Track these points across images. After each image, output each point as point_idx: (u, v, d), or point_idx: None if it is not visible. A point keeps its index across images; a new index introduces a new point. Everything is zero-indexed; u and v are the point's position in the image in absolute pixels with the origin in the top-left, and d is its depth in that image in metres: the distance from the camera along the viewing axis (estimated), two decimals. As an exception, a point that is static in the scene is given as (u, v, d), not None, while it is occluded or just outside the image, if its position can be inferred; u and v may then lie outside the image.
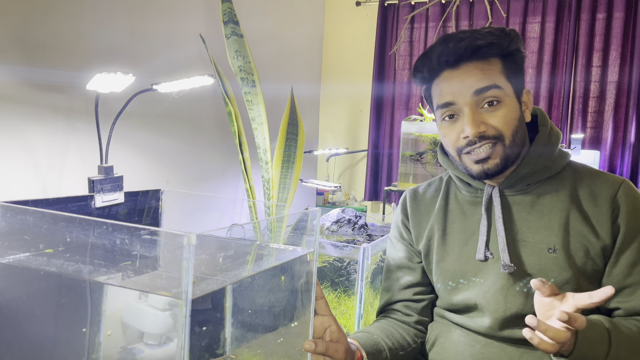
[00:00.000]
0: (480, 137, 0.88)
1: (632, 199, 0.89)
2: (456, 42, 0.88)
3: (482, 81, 0.88)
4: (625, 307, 0.88)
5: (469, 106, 0.89)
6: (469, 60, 0.89)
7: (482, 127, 0.88)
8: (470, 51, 0.88)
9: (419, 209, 1.07)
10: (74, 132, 1.47)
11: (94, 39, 1.51)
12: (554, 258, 0.88)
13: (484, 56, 0.89)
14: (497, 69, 0.89)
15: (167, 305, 0.83)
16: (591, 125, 3.03)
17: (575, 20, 3.00)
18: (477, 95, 0.88)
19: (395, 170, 3.43)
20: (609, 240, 0.88)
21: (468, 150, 0.91)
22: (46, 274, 0.72)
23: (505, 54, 0.90)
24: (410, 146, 2.50)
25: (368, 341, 0.94)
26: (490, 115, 0.89)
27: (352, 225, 1.84)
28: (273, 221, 1.68)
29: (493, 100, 0.88)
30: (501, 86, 0.88)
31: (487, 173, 0.91)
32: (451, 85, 0.90)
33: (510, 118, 0.89)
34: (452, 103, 0.91)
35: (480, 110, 0.89)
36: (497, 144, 0.89)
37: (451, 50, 0.89)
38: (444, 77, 0.92)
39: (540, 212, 0.92)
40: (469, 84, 0.88)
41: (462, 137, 0.90)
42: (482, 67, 0.89)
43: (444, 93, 0.91)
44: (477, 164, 0.91)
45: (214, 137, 2.13)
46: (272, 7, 2.56)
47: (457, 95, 0.89)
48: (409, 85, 3.39)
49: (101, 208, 1.24)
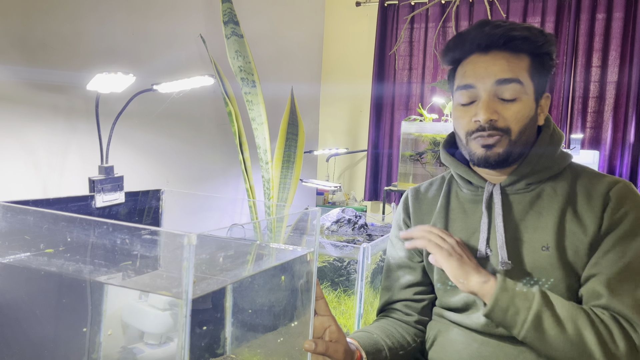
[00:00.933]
0: (490, 126, 0.90)
1: (622, 196, 0.89)
2: (492, 27, 0.89)
3: (506, 72, 0.89)
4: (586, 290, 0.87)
5: (487, 93, 0.90)
6: (499, 49, 0.90)
7: (494, 115, 0.89)
8: (503, 40, 0.89)
9: (420, 208, 1.07)
10: (75, 132, 1.47)
11: (94, 39, 1.51)
12: (547, 256, 0.89)
13: (514, 49, 0.90)
14: (523, 65, 0.90)
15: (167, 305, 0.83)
16: (591, 126, 3.04)
17: (575, 21, 3.00)
18: (498, 85, 0.89)
19: (395, 170, 3.43)
20: (597, 235, 0.88)
21: (477, 136, 0.92)
22: (47, 274, 0.72)
23: (536, 53, 0.91)
24: (410, 146, 2.50)
25: (368, 341, 0.94)
26: (505, 107, 0.90)
27: (352, 225, 1.84)
28: (273, 221, 1.68)
29: (511, 94, 0.89)
30: (523, 82, 0.90)
31: (488, 160, 0.92)
32: (476, 69, 0.92)
33: (522, 115, 0.90)
34: (472, 86, 0.92)
35: (496, 100, 0.90)
36: (503, 136, 0.91)
37: (485, 35, 0.90)
38: (471, 60, 0.93)
39: (538, 212, 0.92)
40: (492, 72, 0.90)
41: (474, 121, 0.92)
42: (509, 59, 0.90)
43: (467, 75, 0.93)
44: (483, 147, 0.92)
45: (214, 137, 2.14)
46: (272, 7, 2.56)
47: (479, 79, 0.91)
48: (409, 85, 3.40)
49: (101, 208, 1.24)
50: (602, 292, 0.84)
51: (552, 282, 0.89)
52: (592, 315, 0.82)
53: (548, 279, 0.89)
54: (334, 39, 3.54)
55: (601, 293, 0.84)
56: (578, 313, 0.82)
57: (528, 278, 0.90)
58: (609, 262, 0.86)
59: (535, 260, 0.90)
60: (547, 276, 0.89)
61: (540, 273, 0.89)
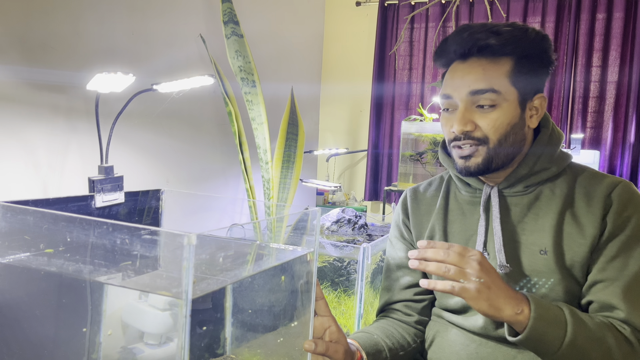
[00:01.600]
0: (466, 135, 0.90)
1: (625, 198, 0.87)
2: (470, 34, 0.88)
3: (479, 82, 0.88)
4: (596, 299, 0.86)
5: (463, 103, 0.90)
6: (477, 56, 0.89)
7: (469, 126, 0.89)
8: (478, 47, 0.87)
9: (419, 209, 1.07)
10: (74, 132, 1.47)
11: (94, 39, 1.51)
12: (545, 260, 0.88)
13: (494, 54, 0.88)
14: (503, 71, 0.88)
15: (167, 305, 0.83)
16: (591, 125, 3.04)
17: (575, 20, 3.00)
18: (472, 95, 0.89)
19: (395, 170, 3.43)
20: (597, 238, 0.87)
21: (455, 145, 0.93)
22: (46, 274, 0.72)
23: (522, 54, 0.88)
24: (410, 146, 2.50)
25: (368, 341, 0.94)
26: (481, 117, 0.89)
27: (352, 225, 1.84)
28: (273, 221, 1.68)
29: (487, 103, 0.88)
30: (499, 90, 0.87)
31: (468, 170, 0.92)
32: (453, 79, 0.91)
33: (501, 123, 0.88)
34: (449, 96, 0.92)
35: (473, 109, 0.89)
36: (479, 145, 0.90)
37: (463, 42, 0.89)
38: (452, 68, 0.93)
39: (536, 215, 0.92)
40: (467, 82, 0.89)
41: (451, 131, 0.92)
42: (486, 67, 0.88)
43: (446, 84, 0.93)
44: (461, 159, 0.93)
45: (214, 137, 2.13)
46: (272, 7, 2.56)
47: (455, 90, 0.91)
48: (409, 85, 3.40)
49: (101, 208, 1.24)
50: (618, 304, 0.83)
51: (550, 285, 0.88)
52: (616, 333, 0.81)
53: (546, 282, 0.89)
54: (334, 39, 3.54)
55: (616, 305, 0.83)
56: (605, 333, 0.81)
57: (526, 281, 0.90)
58: (617, 269, 0.85)
59: (533, 263, 0.90)
60: (545, 279, 0.89)
61: (539, 276, 0.89)
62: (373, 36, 3.44)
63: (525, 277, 0.90)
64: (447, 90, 0.92)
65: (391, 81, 3.43)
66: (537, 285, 0.89)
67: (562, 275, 0.88)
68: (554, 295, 0.88)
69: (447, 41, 0.92)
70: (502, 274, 0.91)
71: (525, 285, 0.90)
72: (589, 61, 2.99)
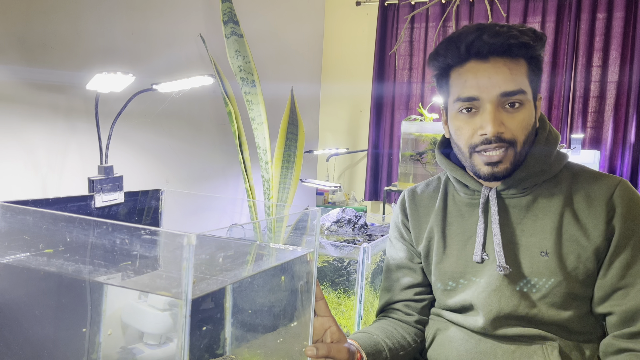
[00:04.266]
0: (497, 138, 0.86)
1: (628, 200, 0.88)
2: (492, 35, 0.85)
3: (510, 83, 0.86)
4: (618, 310, 0.86)
5: (493, 104, 0.86)
6: (499, 56, 0.87)
7: (501, 128, 0.86)
8: (504, 47, 0.86)
9: (417, 210, 1.07)
10: (74, 132, 1.47)
11: (94, 39, 1.51)
12: (546, 262, 0.88)
13: (514, 55, 0.87)
14: (523, 71, 0.88)
15: (167, 305, 0.83)
16: (591, 125, 3.03)
17: (575, 20, 3.00)
18: (503, 97, 0.86)
19: (395, 170, 3.43)
20: (602, 242, 0.87)
21: (481, 149, 0.89)
22: (46, 274, 0.72)
23: (532, 56, 0.88)
24: (410, 146, 2.50)
25: (368, 342, 0.94)
26: (510, 117, 0.87)
27: (352, 225, 1.84)
28: (273, 221, 1.68)
29: (516, 102, 0.87)
30: (525, 90, 0.87)
31: (496, 176, 0.90)
32: (478, 79, 0.87)
33: (527, 123, 0.88)
34: (475, 98, 0.88)
35: (501, 110, 0.87)
36: (509, 148, 0.88)
37: (485, 42, 0.86)
38: (470, 68, 0.88)
39: (535, 216, 0.92)
40: (497, 83, 0.86)
41: (479, 134, 0.88)
42: (510, 67, 0.86)
43: (469, 86, 0.88)
44: (488, 165, 0.89)
45: (214, 137, 2.13)
46: (272, 7, 2.56)
47: (483, 91, 0.87)
48: (409, 85, 3.39)
49: (101, 208, 1.24)
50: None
51: (550, 287, 0.88)
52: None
53: (546, 282, 0.89)
54: (334, 39, 3.54)
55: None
56: None
57: (526, 282, 0.90)
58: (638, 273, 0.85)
59: (533, 265, 0.90)
60: (545, 281, 0.89)
61: (539, 278, 0.89)
62: (373, 36, 3.44)
63: (524, 279, 0.90)
64: (471, 92, 0.88)
65: (391, 81, 3.43)
66: (537, 287, 0.89)
67: (564, 277, 0.88)
68: (554, 297, 0.88)
69: (458, 41, 0.88)
70: (502, 275, 0.91)
71: (524, 286, 0.90)
72: (589, 61, 2.99)
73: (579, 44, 3.01)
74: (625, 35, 2.90)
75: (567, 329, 0.90)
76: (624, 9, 2.90)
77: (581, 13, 2.98)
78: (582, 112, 3.02)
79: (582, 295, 0.90)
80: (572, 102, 3.05)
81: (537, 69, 0.90)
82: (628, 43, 2.90)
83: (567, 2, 3.01)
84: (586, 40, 2.98)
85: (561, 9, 3.02)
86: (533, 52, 0.88)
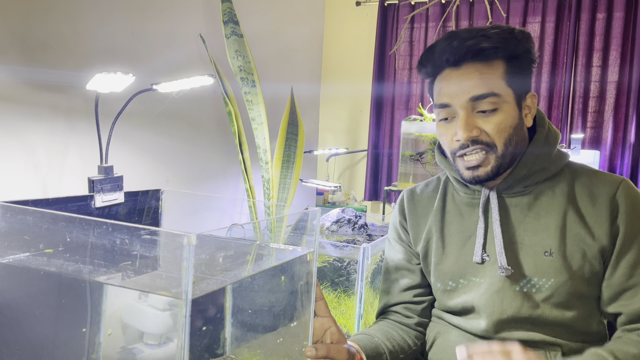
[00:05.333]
0: (473, 141, 0.88)
1: (631, 199, 0.88)
2: (460, 41, 0.86)
3: (479, 87, 0.86)
4: (627, 311, 0.87)
5: (464, 110, 0.88)
6: (471, 61, 0.87)
7: (474, 132, 0.87)
8: (472, 53, 0.86)
9: (416, 210, 1.06)
10: (74, 132, 1.47)
11: (94, 39, 1.51)
12: (550, 261, 0.88)
13: (487, 58, 0.87)
14: (498, 73, 0.87)
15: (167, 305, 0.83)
16: (591, 125, 3.04)
17: (575, 20, 3.00)
18: (473, 101, 0.87)
19: (395, 170, 3.43)
20: (607, 241, 0.87)
21: (461, 154, 0.90)
22: (46, 274, 0.72)
23: (511, 56, 0.88)
24: (410, 146, 2.50)
25: (368, 344, 0.94)
26: (485, 121, 0.88)
27: (352, 225, 1.84)
28: (273, 221, 1.68)
29: (489, 107, 0.87)
30: (499, 93, 0.87)
31: (478, 180, 0.91)
32: (449, 87, 0.89)
33: (505, 126, 0.88)
34: (448, 105, 0.90)
35: (475, 115, 0.88)
36: (488, 151, 0.88)
37: (454, 49, 0.87)
38: (444, 76, 0.90)
39: (537, 214, 0.91)
40: (466, 88, 0.87)
41: (455, 140, 0.90)
42: (482, 71, 0.87)
43: (442, 93, 0.90)
44: (468, 170, 0.91)
45: (214, 137, 2.13)
46: (272, 7, 2.56)
47: (454, 97, 0.88)
48: (409, 85, 3.39)
49: (101, 208, 1.24)
50: None
51: (554, 286, 0.88)
52: None
53: (547, 281, 0.88)
54: (334, 39, 3.54)
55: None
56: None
57: (528, 281, 0.90)
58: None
59: (537, 264, 0.89)
60: (547, 279, 0.88)
61: (543, 278, 0.89)
62: (373, 36, 3.44)
63: (527, 279, 0.90)
64: (443, 99, 0.90)
65: (391, 81, 3.43)
66: (541, 287, 0.89)
67: (569, 276, 0.87)
68: (558, 297, 0.88)
69: (434, 49, 0.90)
70: (503, 276, 0.90)
71: (527, 287, 0.90)
72: (589, 61, 2.99)
73: (578, 44, 3.01)
74: (625, 35, 2.91)
75: (572, 329, 0.89)
76: (624, 9, 2.90)
77: (581, 13, 2.98)
78: (582, 112, 3.02)
79: (586, 295, 0.89)
80: (572, 102, 3.05)
81: (520, 69, 0.89)
82: (628, 43, 2.90)
83: (567, 2, 3.01)
84: (586, 40, 2.98)
85: (561, 9, 3.02)
86: (511, 52, 0.87)
